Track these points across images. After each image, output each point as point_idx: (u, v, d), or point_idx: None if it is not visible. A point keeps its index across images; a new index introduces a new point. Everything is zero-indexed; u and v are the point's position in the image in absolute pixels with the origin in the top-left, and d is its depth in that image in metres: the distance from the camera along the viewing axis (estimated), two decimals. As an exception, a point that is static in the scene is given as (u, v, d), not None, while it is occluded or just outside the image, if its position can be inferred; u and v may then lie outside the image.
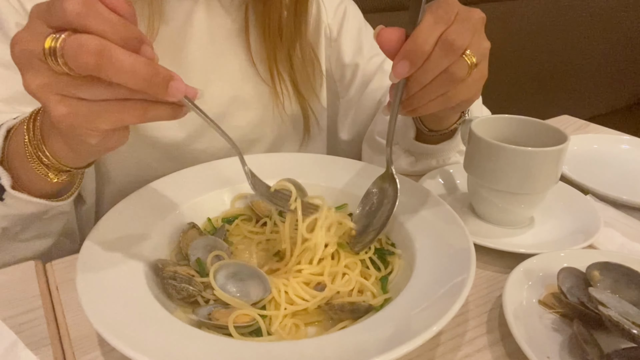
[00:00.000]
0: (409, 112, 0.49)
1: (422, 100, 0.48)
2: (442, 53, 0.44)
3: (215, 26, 0.72)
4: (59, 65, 0.35)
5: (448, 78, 0.45)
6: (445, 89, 0.47)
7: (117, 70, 0.34)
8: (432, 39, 0.44)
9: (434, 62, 0.44)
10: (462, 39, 0.44)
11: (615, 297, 0.45)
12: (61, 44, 0.34)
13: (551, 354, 0.42)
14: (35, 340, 0.45)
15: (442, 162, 0.74)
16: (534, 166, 0.56)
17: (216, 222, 0.60)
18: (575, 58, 2.10)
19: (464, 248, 0.48)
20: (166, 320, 0.42)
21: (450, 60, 0.44)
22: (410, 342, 0.37)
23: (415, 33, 0.44)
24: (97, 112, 0.37)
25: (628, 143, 0.87)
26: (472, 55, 0.45)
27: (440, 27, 0.44)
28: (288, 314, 0.46)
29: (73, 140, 0.44)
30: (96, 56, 0.34)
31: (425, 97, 0.47)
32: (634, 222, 0.65)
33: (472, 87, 0.48)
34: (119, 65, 0.34)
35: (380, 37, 0.45)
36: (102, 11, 0.35)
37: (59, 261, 0.56)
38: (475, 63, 0.46)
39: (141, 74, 0.35)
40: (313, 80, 0.79)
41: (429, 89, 0.46)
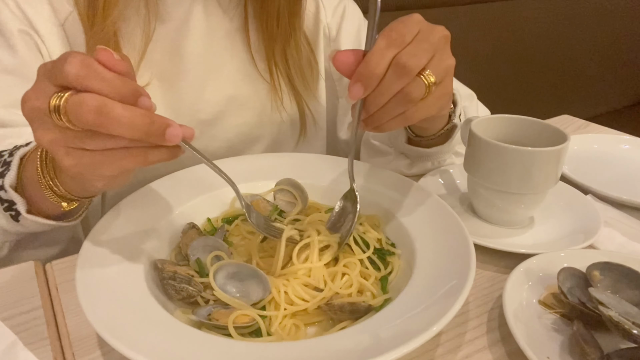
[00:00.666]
0: (372, 129, 0.49)
1: (381, 120, 0.48)
2: (395, 75, 0.44)
3: (213, 25, 0.72)
4: (62, 122, 0.38)
5: (404, 98, 0.45)
6: (403, 108, 0.46)
7: (115, 124, 0.37)
8: (384, 62, 0.44)
9: (387, 84, 0.44)
10: (416, 60, 0.44)
11: (616, 297, 0.45)
12: (64, 103, 0.37)
13: (551, 354, 0.42)
14: (35, 341, 0.45)
15: (438, 164, 0.74)
16: (534, 166, 0.56)
17: (216, 222, 0.60)
18: (575, 58, 2.10)
19: (464, 248, 0.48)
20: (166, 321, 0.42)
21: (404, 81, 0.44)
22: (410, 343, 0.37)
23: (367, 57, 0.44)
24: (101, 161, 0.40)
25: (628, 143, 0.87)
26: (431, 75, 0.45)
27: (392, 50, 0.44)
28: (288, 314, 0.46)
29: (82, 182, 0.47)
30: (95, 113, 0.37)
31: (383, 117, 0.47)
32: (634, 222, 0.65)
33: (433, 105, 0.48)
34: (117, 119, 0.37)
35: (336, 60, 0.45)
36: (100, 71, 0.38)
37: (59, 261, 0.56)
38: (434, 82, 0.45)
39: (138, 125, 0.38)
40: (309, 76, 0.79)
41: (386, 109, 0.46)
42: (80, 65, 0.37)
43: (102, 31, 0.62)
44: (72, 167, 0.40)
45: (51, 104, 0.37)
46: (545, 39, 1.95)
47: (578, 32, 2.04)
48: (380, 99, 0.46)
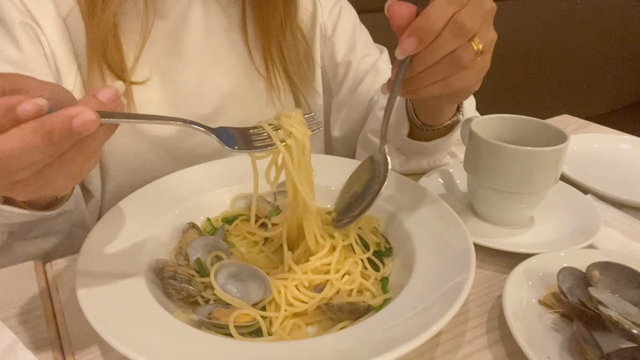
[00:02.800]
0: (408, 92, 0.49)
1: (424, 82, 0.47)
2: (452, 35, 0.43)
3: (212, 21, 0.73)
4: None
5: (453, 61, 0.45)
6: (449, 72, 0.46)
7: (14, 159, 0.32)
8: (443, 19, 0.43)
9: (441, 43, 0.44)
10: (473, 23, 0.43)
11: (616, 297, 0.45)
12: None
13: (551, 354, 0.42)
14: (35, 340, 0.45)
15: (433, 164, 0.74)
16: (534, 166, 0.56)
17: (216, 222, 0.60)
18: (575, 58, 2.10)
19: (464, 248, 0.48)
20: (166, 321, 0.42)
21: (458, 43, 0.44)
22: (410, 342, 0.37)
23: (427, 10, 0.43)
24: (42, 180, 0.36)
25: (628, 143, 0.87)
26: (479, 43, 0.45)
27: (452, 8, 0.43)
28: (288, 315, 0.46)
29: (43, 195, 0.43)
30: None
31: (427, 79, 0.47)
32: (634, 222, 0.65)
33: (474, 76, 0.48)
34: (10, 154, 0.32)
35: (391, 11, 0.44)
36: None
37: (59, 261, 0.56)
38: (481, 50, 0.45)
39: (36, 143, 0.33)
40: (307, 70, 0.79)
41: (432, 70, 0.46)
42: None
43: (102, 23, 0.62)
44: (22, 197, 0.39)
45: None
46: (545, 39, 1.95)
47: (578, 32, 2.04)
48: (431, 58, 0.45)
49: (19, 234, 0.58)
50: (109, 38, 0.63)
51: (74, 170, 0.37)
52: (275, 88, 0.77)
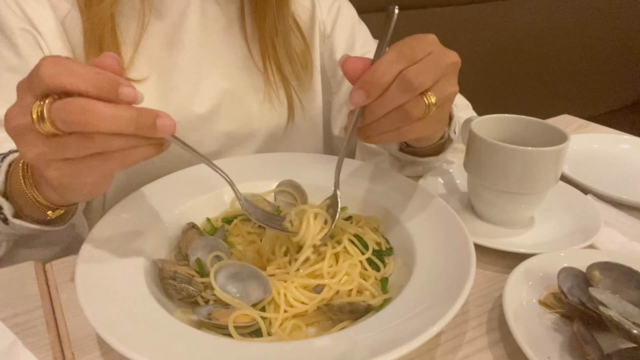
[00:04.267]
0: (363, 139, 0.49)
1: (375, 131, 0.48)
2: (399, 90, 0.44)
3: (210, 20, 0.73)
4: (48, 128, 0.37)
5: (403, 115, 0.45)
6: (399, 124, 0.46)
7: (101, 119, 0.36)
8: (390, 74, 0.43)
9: (389, 97, 0.44)
10: (422, 79, 0.43)
11: (616, 297, 0.45)
12: (47, 109, 0.37)
13: (551, 354, 0.42)
14: (35, 341, 0.45)
15: (428, 169, 0.74)
16: (534, 166, 0.56)
17: (216, 222, 0.60)
18: (575, 58, 2.10)
19: (464, 248, 0.48)
20: (166, 321, 0.42)
21: (407, 98, 0.44)
22: (410, 343, 0.37)
23: (375, 65, 0.44)
24: (82, 168, 0.40)
25: (628, 143, 0.87)
26: (432, 96, 0.45)
27: (400, 64, 0.44)
28: (288, 316, 0.46)
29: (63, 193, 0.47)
30: (80, 112, 0.36)
31: (378, 129, 0.47)
32: (634, 222, 0.65)
33: (429, 127, 0.48)
34: (102, 114, 0.36)
35: (345, 65, 0.46)
36: (72, 67, 0.37)
37: (59, 261, 0.56)
38: (434, 103, 0.45)
39: (126, 117, 0.37)
40: (301, 67, 0.79)
41: (382, 121, 0.46)
42: (53, 64, 0.37)
43: (98, 15, 0.62)
44: (55, 179, 0.40)
45: (34, 115, 0.37)
46: (545, 39, 1.95)
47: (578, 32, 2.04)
48: (379, 110, 0.45)
49: (23, 242, 0.59)
50: (105, 32, 0.63)
51: (108, 171, 0.40)
52: (272, 84, 0.77)
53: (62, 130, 0.37)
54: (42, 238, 0.60)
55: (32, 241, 0.59)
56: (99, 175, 0.41)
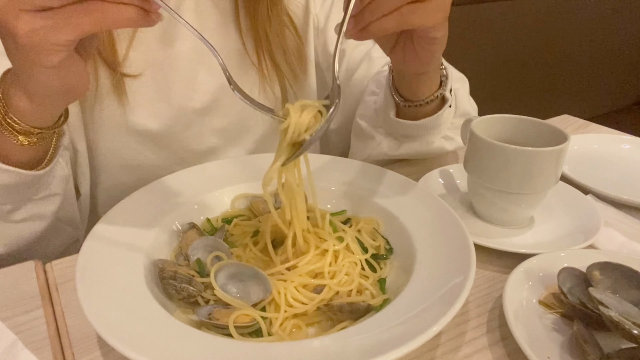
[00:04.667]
0: (360, 30, 0.47)
1: (375, 13, 0.45)
2: None
3: (204, 15, 0.73)
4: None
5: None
6: (401, 1, 0.44)
7: None
8: None
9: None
10: None
11: (616, 297, 0.45)
12: None
13: (551, 354, 0.42)
14: (35, 341, 0.45)
15: (426, 146, 0.72)
16: (534, 166, 0.56)
17: (216, 222, 0.60)
18: (575, 58, 2.10)
19: (464, 248, 0.48)
20: (166, 321, 0.42)
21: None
22: (410, 343, 0.37)
23: None
24: (56, 23, 0.37)
25: (628, 143, 0.87)
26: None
27: None
28: (289, 316, 0.46)
29: (34, 74, 0.43)
30: None
31: (378, 9, 0.45)
32: (634, 222, 0.65)
33: (431, 14, 0.46)
34: None
35: None
36: None
37: (59, 261, 0.56)
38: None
39: None
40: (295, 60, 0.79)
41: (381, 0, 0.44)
42: None
43: None
44: (25, 35, 0.37)
45: None
46: (545, 39, 1.95)
47: (578, 33, 2.04)
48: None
49: (5, 213, 0.56)
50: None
51: (85, 27, 0.37)
52: (267, 78, 0.77)
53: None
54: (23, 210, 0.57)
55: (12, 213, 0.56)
56: (73, 34, 0.38)
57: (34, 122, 0.50)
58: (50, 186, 0.58)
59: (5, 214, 0.57)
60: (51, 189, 0.58)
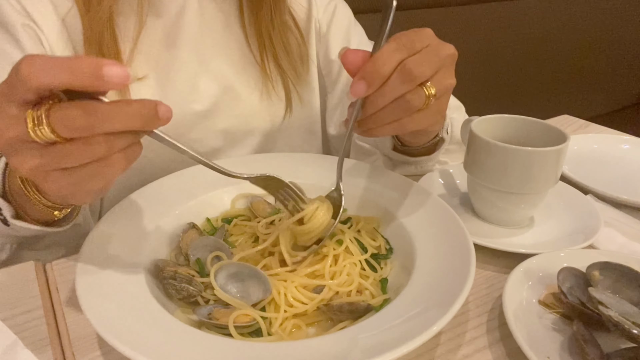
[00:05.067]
0: (363, 132, 0.50)
1: (376, 123, 0.48)
2: (400, 79, 0.44)
3: (208, 18, 0.73)
4: (47, 134, 0.35)
5: (403, 105, 0.46)
6: (400, 115, 0.47)
7: (107, 119, 0.35)
8: (390, 64, 0.44)
9: (390, 87, 0.45)
10: (422, 69, 0.44)
11: (616, 297, 0.45)
12: (45, 115, 0.35)
13: (551, 354, 0.42)
14: (35, 341, 0.45)
15: (421, 169, 0.75)
16: (534, 166, 0.56)
17: (216, 222, 0.60)
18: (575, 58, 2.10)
19: (464, 248, 0.48)
20: (166, 321, 0.42)
21: (407, 88, 0.45)
22: (410, 342, 0.37)
23: (376, 56, 0.44)
24: (82, 178, 0.38)
25: (628, 143, 0.87)
26: (432, 87, 0.45)
27: (400, 54, 0.44)
28: (288, 316, 0.46)
29: (69, 199, 0.46)
30: (82, 117, 0.35)
31: (379, 120, 0.48)
32: (634, 222, 0.65)
33: (429, 118, 0.48)
34: (107, 114, 0.35)
35: (345, 57, 0.46)
36: (48, 61, 0.34)
37: (59, 261, 0.56)
38: (434, 94, 0.46)
39: (131, 112, 0.36)
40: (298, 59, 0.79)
41: (383, 112, 0.47)
42: (29, 62, 0.34)
43: (98, 15, 0.62)
44: (55, 191, 0.39)
45: (29, 121, 0.35)
46: (545, 39, 1.95)
47: (578, 32, 2.04)
48: (380, 101, 0.46)
49: (27, 244, 0.58)
50: (104, 31, 0.63)
51: (112, 175, 0.39)
52: (270, 78, 0.77)
53: (63, 136, 0.35)
54: (46, 239, 0.59)
55: (36, 243, 0.59)
56: (101, 183, 0.39)
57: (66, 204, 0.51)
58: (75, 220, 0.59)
59: (29, 245, 0.58)
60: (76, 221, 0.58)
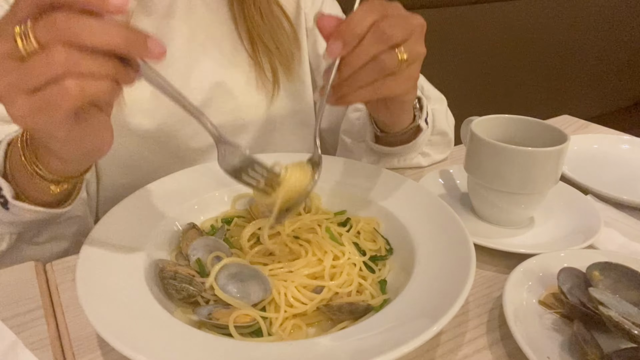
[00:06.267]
0: (338, 98, 0.50)
1: (352, 86, 0.49)
2: (374, 39, 0.46)
3: (197, 13, 0.73)
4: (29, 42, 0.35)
5: (377, 66, 0.47)
6: (374, 76, 0.48)
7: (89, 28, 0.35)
8: (364, 24, 0.46)
9: (365, 47, 0.47)
10: (394, 31, 0.46)
11: (616, 298, 0.45)
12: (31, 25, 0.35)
13: (551, 354, 0.42)
14: (35, 341, 0.45)
15: (404, 162, 0.76)
16: (534, 166, 0.56)
17: (216, 222, 0.60)
18: (575, 58, 2.10)
19: (464, 248, 0.48)
20: (166, 321, 0.42)
21: (380, 48, 0.46)
22: (410, 342, 0.37)
23: (349, 17, 0.46)
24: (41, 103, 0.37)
25: (628, 143, 0.87)
26: (404, 52, 0.47)
27: (373, 15, 0.46)
28: (289, 316, 0.46)
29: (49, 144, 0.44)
30: (66, 21, 0.34)
31: (354, 83, 0.49)
32: (634, 222, 0.65)
33: (402, 84, 0.50)
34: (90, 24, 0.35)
35: (320, 21, 0.48)
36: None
37: (59, 261, 0.56)
38: (405, 59, 0.48)
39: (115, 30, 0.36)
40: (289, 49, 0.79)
41: (359, 74, 0.48)
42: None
43: None
44: (21, 120, 0.38)
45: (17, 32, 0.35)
46: (545, 39, 1.95)
47: (578, 32, 2.04)
48: (355, 61, 0.47)
49: (27, 237, 0.58)
50: None
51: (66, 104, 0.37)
52: (261, 66, 0.77)
53: (44, 40, 0.35)
54: (47, 232, 0.59)
55: (37, 236, 0.59)
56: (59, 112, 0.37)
57: (64, 174, 0.51)
58: (72, 210, 0.59)
59: (29, 238, 0.58)
60: (73, 212, 0.59)
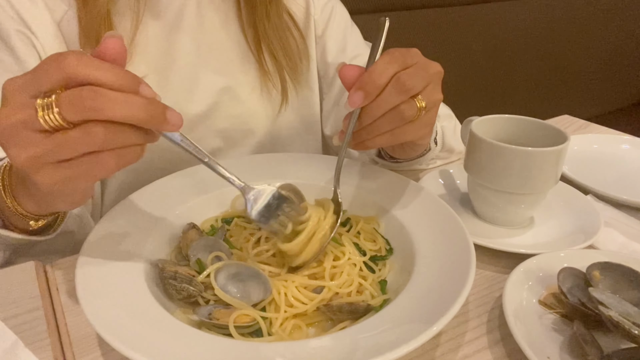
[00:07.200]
0: (357, 144, 0.52)
1: (371, 133, 0.51)
2: (394, 90, 0.48)
3: (207, 19, 0.73)
4: (52, 119, 0.36)
5: (397, 115, 0.49)
6: (394, 125, 0.50)
7: (113, 104, 0.36)
8: (386, 75, 0.47)
9: (385, 97, 0.48)
10: (414, 82, 0.48)
11: (616, 297, 0.45)
12: (55, 98, 0.36)
13: (551, 354, 0.42)
14: (35, 341, 0.45)
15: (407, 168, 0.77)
16: (534, 166, 0.56)
17: (216, 222, 0.60)
18: (575, 58, 2.10)
19: (464, 248, 0.48)
20: (166, 321, 0.42)
21: (401, 98, 0.48)
22: (410, 342, 0.37)
23: (371, 68, 0.48)
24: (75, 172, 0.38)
25: (628, 143, 0.87)
26: (422, 100, 0.49)
27: (394, 67, 0.48)
28: (289, 316, 0.46)
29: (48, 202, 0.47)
30: (92, 98, 0.35)
31: (374, 131, 0.50)
32: (634, 222, 0.65)
33: (419, 130, 0.51)
34: (115, 99, 0.36)
35: (342, 71, 0.49)
36: (97, 62, 0.37)
37: (59, 262, 0.56)
38: (424, 107, 0.49)
39: (138, 103, 0.37)
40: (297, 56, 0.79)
41: (379, 122, 0.50)
42: (78, 57, 0.36)
43: (95, 10, 0.62)
44: (46, 185, 0.39)
45: (39, 105, 0.36)
46: (545, 39, 1.95)
47: (578, 32, 2.04)
48: (376, 111, 0.49)
49: (21, 251, 0.58)
50: (102, 29, 0.63)
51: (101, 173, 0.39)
52: (268, 74, 0.77)
53: (69, 119, 0.36)
54: (37, 247, 0.59)
55: (28, 250, 0.59)
56: (91, 180, 0.39)
57: (40, 213, 0.52)
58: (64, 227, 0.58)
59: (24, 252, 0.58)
60: (66, 227, 0.59)
